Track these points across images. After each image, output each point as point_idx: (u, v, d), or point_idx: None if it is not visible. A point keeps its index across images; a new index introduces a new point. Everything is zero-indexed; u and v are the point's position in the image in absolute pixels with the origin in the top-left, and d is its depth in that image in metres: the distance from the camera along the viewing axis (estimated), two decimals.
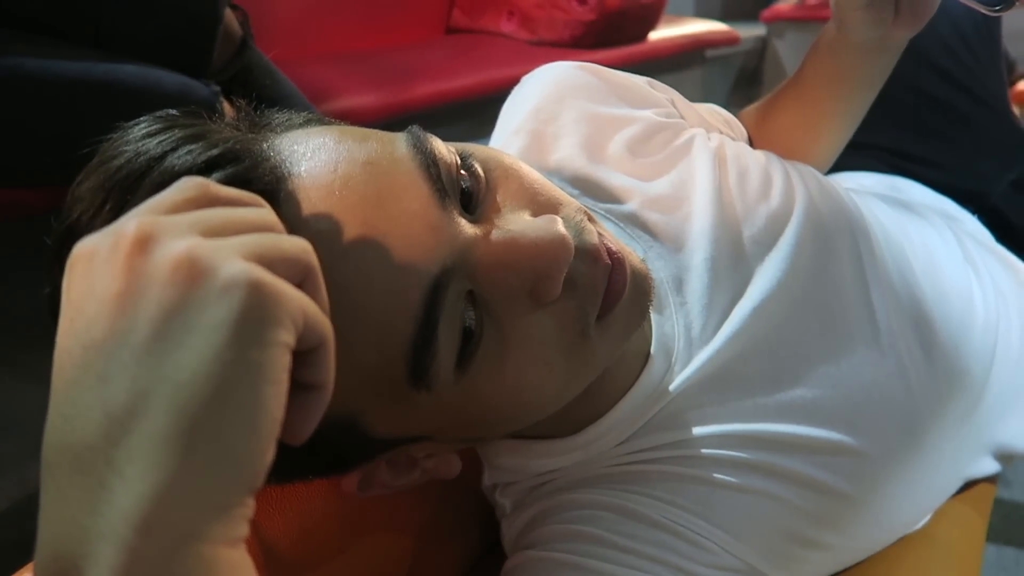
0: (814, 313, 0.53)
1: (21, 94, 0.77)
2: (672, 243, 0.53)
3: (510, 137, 0.57)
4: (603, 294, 0.39)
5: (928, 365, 0.56)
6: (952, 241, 0.69)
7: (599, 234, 0.40)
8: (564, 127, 0.57)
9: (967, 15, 0.86)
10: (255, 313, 0.25)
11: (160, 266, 0.25)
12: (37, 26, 0.84)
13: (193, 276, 0.25)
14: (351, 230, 0.33)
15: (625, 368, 0.49)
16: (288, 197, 0.33)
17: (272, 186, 0.33)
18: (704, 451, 0.49)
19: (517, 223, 0.37)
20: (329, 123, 0.40)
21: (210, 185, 0.29)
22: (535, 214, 0.39)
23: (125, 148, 0.34)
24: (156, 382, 0.24)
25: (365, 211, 0.33)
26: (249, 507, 0.25)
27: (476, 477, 0.57)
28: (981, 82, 0.88)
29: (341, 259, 0.33)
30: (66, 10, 0.85)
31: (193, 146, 0.33)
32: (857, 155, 0.79)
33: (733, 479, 0.48)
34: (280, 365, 0.25)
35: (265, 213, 0.29)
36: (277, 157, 0.35)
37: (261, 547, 0.45)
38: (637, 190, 0.54)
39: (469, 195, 0.38)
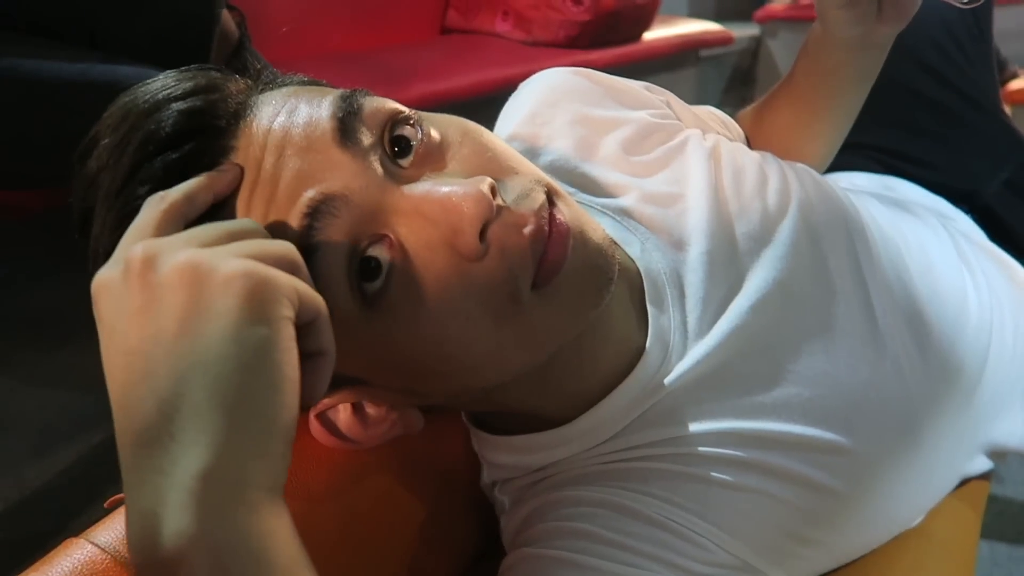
0: (812, 311, 0.53)
1: (18, 95, 0.77)
2: (668, 237, 0.53)
3: (506, 142, 0.58)
4: (535, 263, 0.39)
5: (923, 363, 0.56)
6: (947, 240, 0.69)
7: (550, 204, 0.41)
8: (558, 129, 0.58)
9: (958, 16, 0.87)
10: (255, 296, 0.30)
11: (169, 275, 0.30)
12: (34, 27, 0.84)
13: (198, 277, 0.30)
14: (269, 159, 0.38)
15: (613, 355, 0.49)
16: (241, 132, 0.39)
17: (228, 120, 0.39)
18: (701, 449, 0.49)
19: (444, 180, 0.39)
20: (323, 87, 0.44)
21: (166, 195, 0.35)
22: None
23: (145, 84, 0.40)
24: (190, 367, 0.29)
25: (281, 145, 0.38)
26: (287, 457, 0.30)
27: (476, 475, 0.57)
28: (973, 81, 0.89)
29: (260, 184, 0.38)
30: (63, 11, 0.85)
31: (180, 83, 0.39)
32: (850, 155, 0.79)
33: (730, 477, 0.48)
34: (286, 335, 0.31)
35: (248, 223, 0.35)
36: (248, 101, 0.40)
37: None
38: (633, 185, 0.55)
39: (407, 147, 0.40)
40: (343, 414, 0.47)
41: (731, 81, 3.10)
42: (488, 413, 0.55)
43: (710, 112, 0.72)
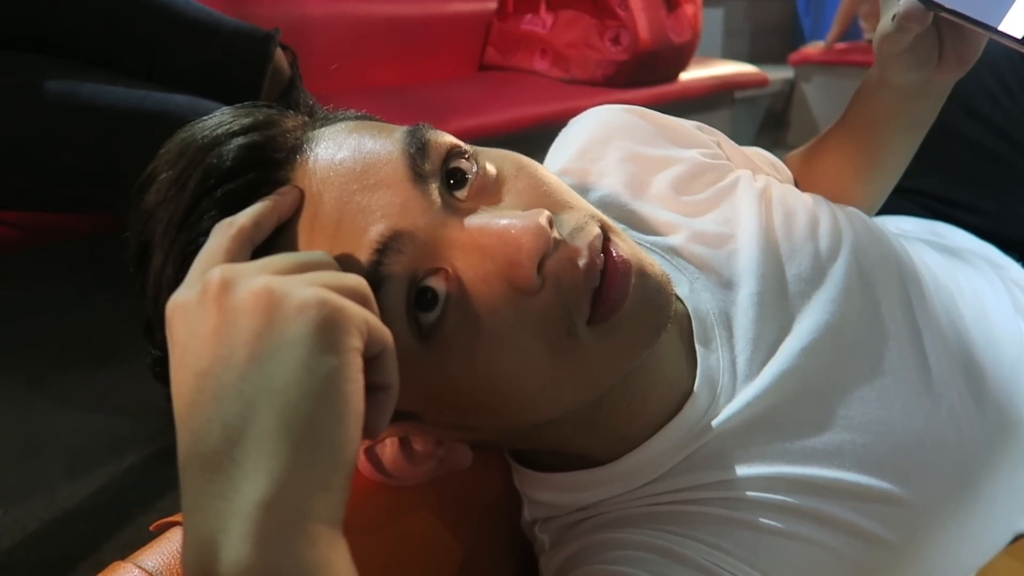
0: (864, 356, 0.52)
1: (76, 121, 0.79)
2: (717, 277, 0.53)
3: (557, 176, 0.58)
4: (590, 297, 0.39)
5: (979, 413, 0.55)
6: (1001, 288, 0.68)
7: (608, 240, 0.40)
8: (609, 166, 0.58)
9: (1007, 61, 0.86)
10: (327, 325, 0.30)
11: (244, 300, 0.30)
12: (95, 60, 0.87)
13: (272, 303, 0.30)
14: (331, 194, 0.38)
15: (662, 395, 0.48)
16: (298, 166, 0.39)
17: (287, 154, 0.39)
18: (749, 494, 0.48)
19: (502, 212, 0.39)
20: (378, 122, 0.44)
21: (234, 221, 0.36)
22: None
23: (202, 120, 0.41)
24: (258, 392, 0.29)
25: (345, 180, 0.38)
26: (346, 491, 0.30)
27: (516, 513, 0.56)
28: (1022, 128, 0.88)
29: (320, 218, 0.38)
30: (123, 45, 0.88)
31: (237, 119, 0.40)
32: (896, 199, 0.78)
33: (780, 524, 0.47)
34: (355, 366, 0.30)
35: (321, 255, 0.35)
36: (305, 136, 0.40)
37: None
38: (683, 225, 0.55)
39: (463, 180, 0.40)
40: (389, 449, 0.47)
41: (765, 123, 3.11)
42: (532, 450, 0.54)
43: (759, 153, 0.71)
